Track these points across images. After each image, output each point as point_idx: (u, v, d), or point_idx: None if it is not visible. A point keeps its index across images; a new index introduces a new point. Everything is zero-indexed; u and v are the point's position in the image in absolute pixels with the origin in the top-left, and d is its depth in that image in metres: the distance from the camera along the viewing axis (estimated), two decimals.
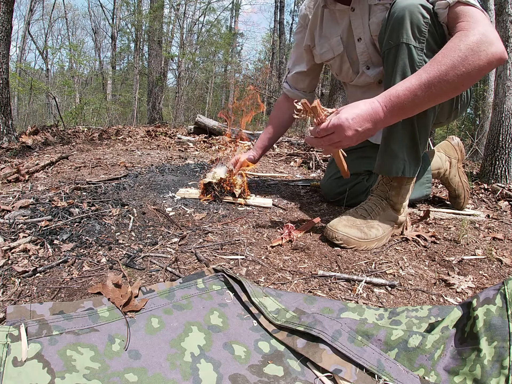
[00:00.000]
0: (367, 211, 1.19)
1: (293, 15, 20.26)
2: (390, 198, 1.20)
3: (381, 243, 1.16)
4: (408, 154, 1.14)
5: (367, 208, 1.20)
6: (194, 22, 15.03)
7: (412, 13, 1.03)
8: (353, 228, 1.13)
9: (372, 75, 1.38)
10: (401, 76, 1.06)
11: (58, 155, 2.46)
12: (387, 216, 1.19)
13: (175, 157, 2.67)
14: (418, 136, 1.13)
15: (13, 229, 1.11)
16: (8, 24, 3.10)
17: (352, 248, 1.12)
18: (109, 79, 13.89)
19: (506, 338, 0.58)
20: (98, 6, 15.71)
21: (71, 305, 0.74)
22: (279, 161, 2.83)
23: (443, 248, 1.19)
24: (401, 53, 1.06)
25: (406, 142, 1.13)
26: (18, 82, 9.81)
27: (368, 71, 1.38)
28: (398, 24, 1.05)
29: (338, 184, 1.57)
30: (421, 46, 1.05)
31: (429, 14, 1.03)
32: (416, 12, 1.02)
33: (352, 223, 1.14)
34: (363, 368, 0.59)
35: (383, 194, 1.21)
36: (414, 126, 1.11)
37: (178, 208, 1.43)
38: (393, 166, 1.15)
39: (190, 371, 0.62)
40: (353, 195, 1.53)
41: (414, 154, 1.15)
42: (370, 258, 1.08)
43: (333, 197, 1.62)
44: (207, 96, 15.20)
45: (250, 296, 0.78)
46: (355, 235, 1.12)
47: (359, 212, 1.20)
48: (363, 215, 1.18)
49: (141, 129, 5.04)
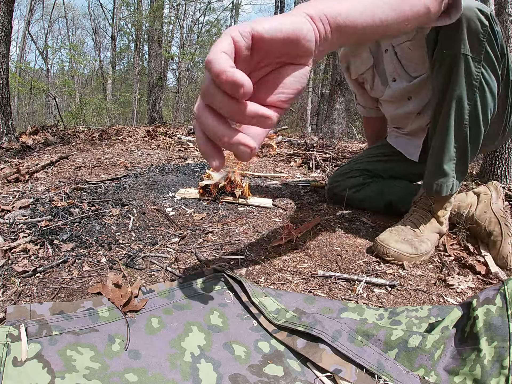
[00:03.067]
0: (415, 225, 1.15)
1: None
2: (434, 211, 1.15)
3: (427, 256, 1.12)
4: (457, 170, 1.08)
5: (414, 221, 1.16)
6: (194, 22, 15.04)
7: (469, 19, 0.92)
8: (405, 243, 1.08)
9: (396, 89, 1.33)
10: (456, 92, 0.98)
11: (58, 155, 2.46)
12: (433, 228, 1.15)
13: (175, 157, 2.67)
14: (469, 150, 1.06)
15: (13, 229, 1.11)
16: (8, 24, 3.10)
17: (401, 264, 1.07)
18: (109, 79, 13.89)
19: (506, 338, 0.58)
20: (98, 6, 15.74)
21: (71, 305, 0.74)
22: (279, 161, 2.83)
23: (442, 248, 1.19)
24: (456, 65, 0.97)
25: (457, 159, 1.06)
26: (18, 82, 9.82)
27: (393, 83, 1.34)
28: (453, 31, 0.94)
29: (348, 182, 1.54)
30: (479, 58, 0.95)
31: (488, 20, 0.93)
32: (474, 18, 0.92)
33: (403, 238, 1.09)
34: (363, 368, 0.59)
35: (426, 207, 1.17)
36: (467, 140, 1.04)
37: (178, 208, 1.43)
38: (443, 187, 1.09)
39: (190, 371, 0.62)
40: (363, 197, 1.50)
41: (463, 169, 1.08)
42: (370, 258, 1.08)
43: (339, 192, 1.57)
44: None
45: (250, 296, 0.78)
46: (407, 251, 1.06)
47: (408, 226, 1.15)
48: (412, 228, 1.14)
49: (141, 129, 5.04)
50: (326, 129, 7.15)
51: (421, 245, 1.10)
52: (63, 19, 17.85)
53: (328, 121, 7.26)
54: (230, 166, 1.58)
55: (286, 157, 2.95)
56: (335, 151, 3.23)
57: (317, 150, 3.13)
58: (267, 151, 3.31)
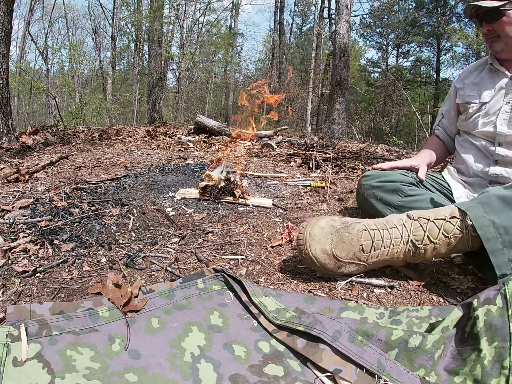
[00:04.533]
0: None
1: (293, 15, 20.29)
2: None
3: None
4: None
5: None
6: (194, 22, 15.03)
7: None
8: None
9: (504, 131, 1.24)
10: None
11: (58, 155, 2.46)
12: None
13: (175, 157, 2.67)
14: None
15: (13, 229, 1.11)
16: (8, 24, 3.10)
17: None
18: (109, 79, 13.88)
19: (506, 339, 0.58)
20: (98, 6, 15.70)
21: (71, 305, 0.74)
22: (279, 161, 2.83)
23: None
24: None
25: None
26: (18, 82, 9.81)
27: (500, 126, 1.25)
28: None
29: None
30: None
31: None
32: None
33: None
34: (364, 368, 0.59)
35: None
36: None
37: (178, 208, 1.43)
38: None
39: (190, 371, 0.61)
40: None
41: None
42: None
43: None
44: (207, 96, 15.19)
45: (250, 296, 0.78)
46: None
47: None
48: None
49: (141, 129, 5.04)
50: (326, 129, 7.15)
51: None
52: (63, 19, 17.83)
53: (328, 121, 7.26)
54: (231, 166, 1.58)
55: (286, 157, 2.95)
56: (335, 151, 3.23)
57: (317, 150, 3.13)
58: (267, 151, 3.31)
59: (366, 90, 14.56)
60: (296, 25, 20.64)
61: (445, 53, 15.68)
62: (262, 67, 19.65)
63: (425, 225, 0.90)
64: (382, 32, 17.57)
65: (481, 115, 1.31)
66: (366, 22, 16.82)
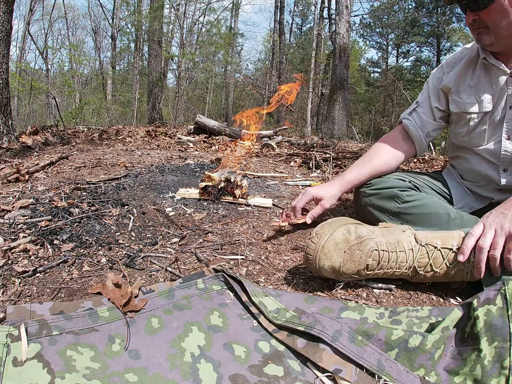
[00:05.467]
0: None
1: (293, 15, 20.30)
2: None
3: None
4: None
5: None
6: (194, 22, 15.03)
7: None
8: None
9: (509, 150, 1.11)
10: None
11: (58, 155, 2.46)
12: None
13: (175, 157, 2.67)
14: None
15: (13, 229, 1.11)
16: (8, 24, 3.10)
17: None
18: (109, 79, 13.88)
19: (506, 339, 0.58)
20: (98, 6, 15.70)
21: (71, 305, 0.74)
22: (279, 161, 2.83)
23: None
24: None
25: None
26: (18, 82, 9.81)
27: (507, 141, 1.11)
28: None
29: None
30: None
31: None
32: None
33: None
34: (364, 368, 0.59)
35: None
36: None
37: (178, 208, 1.43)
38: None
39: (190, 371, 0.61)
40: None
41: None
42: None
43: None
44: (207, 96, 15.20)
45: (250, 296, 0.78)
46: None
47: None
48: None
49: (141, 129, 5.04)
50: (326, 129, 7.15)
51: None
52: (63, 19, 17.86)
53: (328, 121, 7.26)
54: (231, 167, 1.58)
55: (286, 157, 2.95)
56: (335, 151, 3.23)
57: (317, 150, 3.13)
58: (267, 151, 3.31)
59: (366, 90, 14.57)
60: (296, 25, 20.69)
61: (445, 53, 15.72)
62: (262, 67, 19.66)
63: (431, 253, 0.87)
64: (382, 32, 17.60)
65: (486, 129, 1.13)
66: (366, 22, 16.84)
